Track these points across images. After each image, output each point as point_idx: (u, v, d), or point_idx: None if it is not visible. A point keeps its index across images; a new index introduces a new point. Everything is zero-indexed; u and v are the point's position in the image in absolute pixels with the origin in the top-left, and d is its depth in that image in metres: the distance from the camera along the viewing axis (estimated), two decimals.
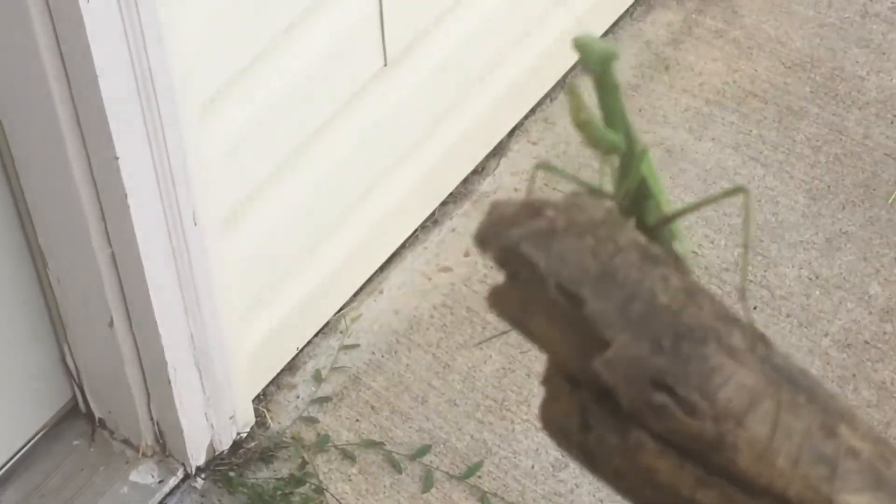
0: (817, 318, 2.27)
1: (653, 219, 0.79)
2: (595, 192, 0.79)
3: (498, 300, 0.73)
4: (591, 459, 0.71)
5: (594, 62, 0.78)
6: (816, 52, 2.67)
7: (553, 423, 0.72)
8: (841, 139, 2.52)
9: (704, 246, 2.37)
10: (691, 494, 0.68)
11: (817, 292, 2.30)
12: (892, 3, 2.75)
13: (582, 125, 0.79)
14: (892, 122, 2.54)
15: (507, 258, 0.73)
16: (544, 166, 0.88)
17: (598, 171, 0.82)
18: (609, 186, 0.80)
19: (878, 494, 0.68)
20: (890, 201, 2.42)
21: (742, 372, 0.69)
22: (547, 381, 0.72)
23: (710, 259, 2.35)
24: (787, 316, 2.27)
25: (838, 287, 2.30)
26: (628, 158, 0.79)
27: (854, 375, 2.19)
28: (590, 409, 0.70)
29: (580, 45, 0.77)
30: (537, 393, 2.20)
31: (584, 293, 0.70)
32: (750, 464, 0.68)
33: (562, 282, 0.70)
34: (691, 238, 2.38)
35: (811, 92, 2.60)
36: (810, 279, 2.32)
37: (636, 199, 0.80)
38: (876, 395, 2.17)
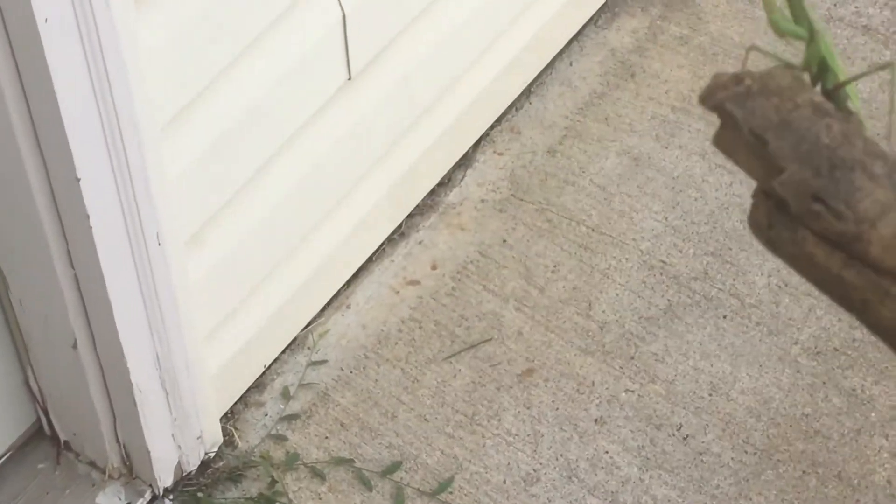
0: (787, 325, 2.26)
1: (830, 84, 1.08)
2: (791, 66, 1.07)
3: (717, 140, 1.05)
4: (774, 248, 1.02)
5: None
6: (783, 57, 2.66)
7: (754, 223, 1.03)
8: None
9: (673, 255, 2.36)
10: (839, 272, 0.99)
11: (787, 300, 2.29)
12: (856, 7, 2.74)
13: (776, 24, 1.08)
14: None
15: (719, 112, 1.03)
16: (755, 48, 1.18)
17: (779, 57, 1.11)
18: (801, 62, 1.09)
19: None
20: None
21: (878, 191, 0.97)
22: (754, 195, 1.03)
23: (678, 268, 2.34)
24: (757, 324, 2.26)
25: (808, 294, 2.29)
26: (811, 43, 1.07)
27: (824, 383, 2.19)
28: (773, 213, 1.01)
29: None
30: (507, 407, 2.18)
31: (768, 136, 1.00)
32: (879, 253, 0.97)
33: (752, 128, 1.01)
34: (660, 248, 2.37)
35: None
36: (780, 287, 2.31)
37: (819, 71, 1.08)
38: (846, 403, 2.16)
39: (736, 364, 2.22)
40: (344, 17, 1.98)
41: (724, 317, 2.28)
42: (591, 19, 2.73)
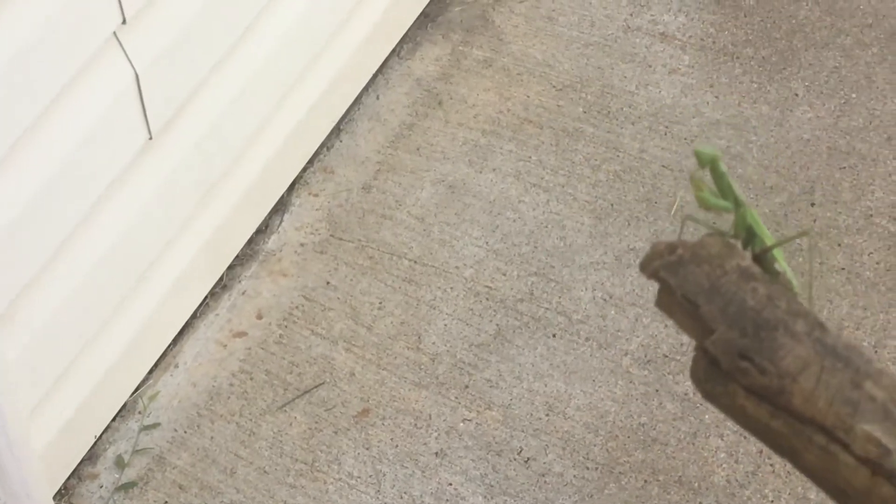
0: (616, 337, 2.28)
1: (758, 249, 1.19)
2: (722, 234, 1.17)
3: (658, 302, 1.13)
4: (711, 399, 1.11)
5: (706, 161, 1.18)
6: (585, 71, 2.69)
7: (694, 377, 1.11)
8: (618, 156, 2.54)
9: (497, 279, 2.36)
10: (767, 422, 1.06)
11: (613, 312, 2.31)
12: (652, 15, 2.78)
13: (703, 201, 1.19)
14: (665, 134, 2.57)
15: (656, 279, 1.12)
16: (691, 219, 1.26)
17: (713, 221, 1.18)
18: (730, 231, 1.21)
19: (886, 424, 1.03)
20: (672, 212, 2.45)
21: (799, 348, 1.06)
22: (694, 351, 1.11)
23: (504, 292, 2.34)
24: (587, 339, 2.27)
25: (632, 304, 2.31)
26: (738, 214, 1.19)
27: (657, 391, 2.21)
28: (708, 369, 1.09)
29: (698, 153, 1.17)
30: (346, 449, 2.16)
31: (699, 300, 1.10)
32: (800, 404, 1.05)
33: (685, 293, 1.10)
34: (484, 273, 2.37)
35: (584, 112, 2.62)
36: (605, 300, 2.33)
37: (747, 238, 1.20)
38: (680, 408, 2.18)
39: (570, 381, 2.23)
40: (137, 75, 1.94)
41: (554, 335, 2.29)
42: (393, 51, 2.73)
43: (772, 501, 2.07)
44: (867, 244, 2.38)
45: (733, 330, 1.08)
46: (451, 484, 2.12)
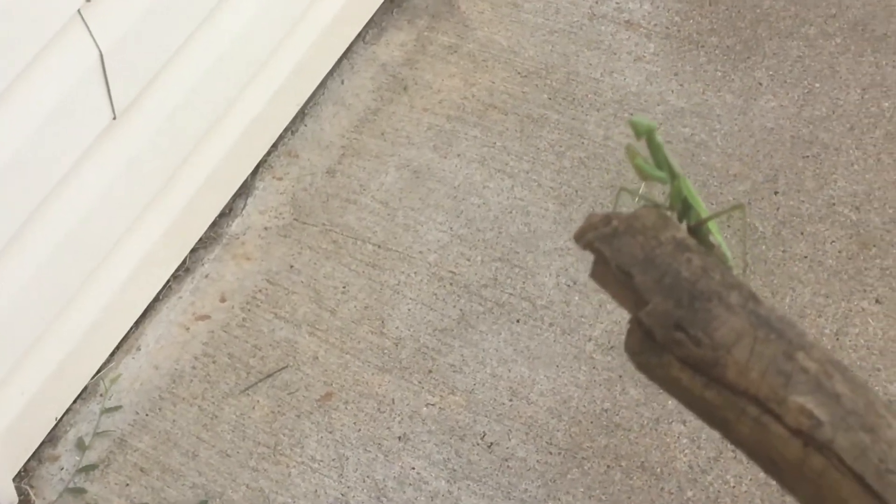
0: (579, 323, 2.28)
1: (693, 222, 1.19)
2: (658, 206, 1.16)
3: (593, 274, 1.13)
4: (645, 371, 1.10)
5: (642, 132, 1.17)
6: (550, 58, 2.69)
7: (628, 348, 1.11)
8: (583, 142, 2.54)
9: (461, 264, 2.36)
10: (701, 393, 1.07)
11: (577, 298, 2.31)
12: (618, 3, 2.79)
13: (639, 169, 1.18)
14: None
15: (591, 250, 1.12)
16: (625, 189, 1.29)
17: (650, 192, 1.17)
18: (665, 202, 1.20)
19: (817, 395, 1.04)
20: (636, 199, 2.45)
21: (733, 319, 1.07)
22: (629, 323, 1.11)
23: (468, 277, 2.34)
24: (551, 325, 2.28)
25: (596, 290, 2.32)
26: (674, 186, 1.18)
27: (620, 377, 2.21)
28: (643, 341, 1.08)
29: (633, 123, 1.17)
30: (309, 433, 2.15)
31: (633, 271, 1.09)
32: (734, 376, 1.05)
33: (619, 264, 1.10)
34: (448, 258, 2.37)
35: (549, 98, 2.62)
36: (569, 286, 2.33)
37: (682, 210, 1.19)
38: (643, 394, 2.19)
39: (533, 367, 2.23)
40: (101, 55, 1.93)
41: (518, 321, 2.29)
42: (358, 36, 2.72)
43: (733, 487, 2.08)
44: (829, 233, 2.39)
45: (668, 301, 1.08)
46: (413, 468, 2.12)
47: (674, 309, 1.07)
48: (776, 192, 2.45)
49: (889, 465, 1.02)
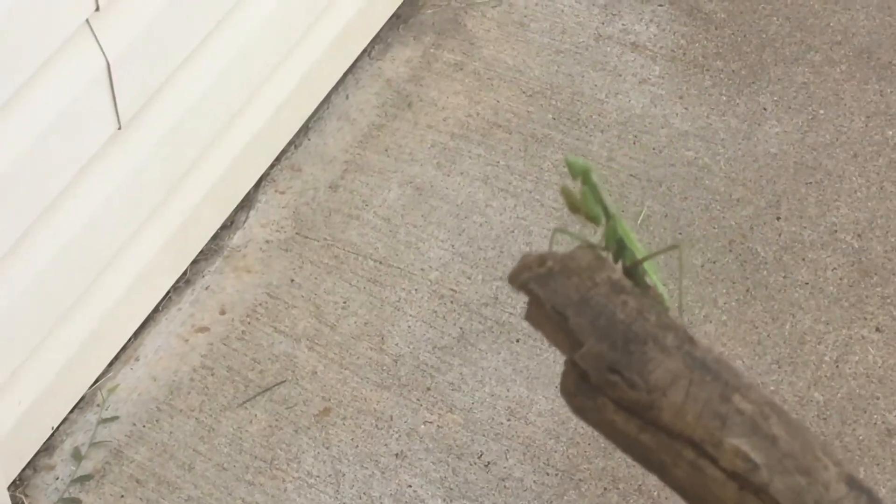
0: None
1: (629, 262, 1.17)
2: (593, 246, 1.15)
3: (528, 316, 1.11)
4: (580, 413, 1.09)
5: (578, 172, 1.15)
6: (555, 78, 2.69)
7: (564, 390, 1.09)
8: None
9: (462, 283, 2.35)
10: (636, 436, 1.05)
11: None
12: (624, 25, 2.79)
13: (575, 209, 1.17)
14: (633, 143, 2.57)
15: (525, 291, 1.10)
16: (560, 231, 1.28)
17: (593, 232, 1.13)
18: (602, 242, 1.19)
19: (753, 438, 1.03)
20: (639, 221, 2.45)
21: (668, 361, 1.05)
22: (565, 364, 1.09)
23: (468, 295, 2.34)
24: (550, 346, 2.27)
25: None
26: (609, 226, 1.17)
27: None
28: (578, 382, 1.07)
29: (569, 163, 1.15)
30: (306, 448, 2.15)
31: (568, 313, 1.07)
32: (670, 418, 1.03)
33: (554, 305, 1.08)
34: (449, 276, 2.37)
35: (553, 118, 2.62)
36: None
37: (618, 250, 1.17)
38: None
39: (532, 387, 2.22)
40: (108, 64, 1.93)
41: (517, 340, 2.28)
42: (364, 51, 2.72)
43: None
44: (831, 259, 2.39)
45: (603, 343, 1.06)
46: (410, 486, 2.11)
47: (608, 351, 1.06)
48: (778, 218, 2.45)
49: None
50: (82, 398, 2.20)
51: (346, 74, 2.69)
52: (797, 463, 1.03)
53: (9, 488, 2.06)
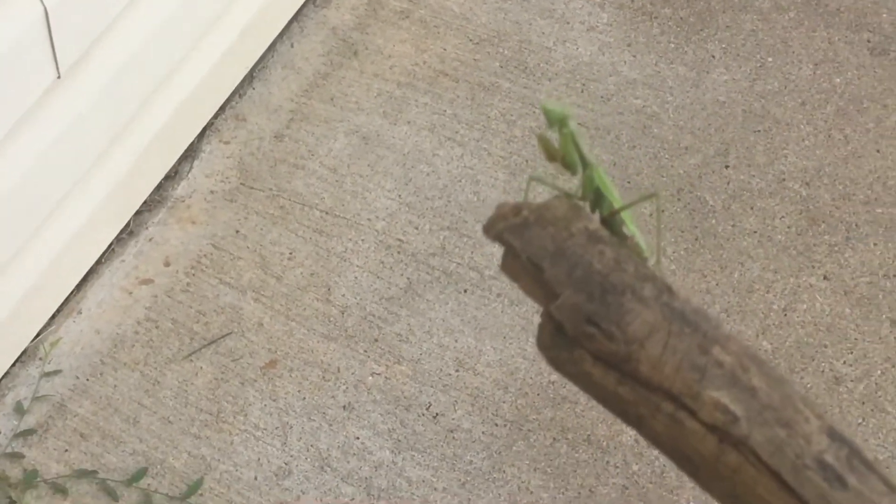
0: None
1: (606, 212, 1.15)
2: (569, 196, 1.12)
3: (504, 266, 1.08)
4: (557, 366, 1.06)
5: (555, 119, 1.12)
6: (502, 26, 2.67)
7: (540, 343, 1.06)
8: (534, 112, 2.52)
9: (409, 233, 2.33)
10: (614, 389, 1.03)
11: None
12: None
13: (552, 158, 1.14)
14: (581, 91, 2.55)
15: (500, 241, 1.07)
16: (536, 178, 1.25)
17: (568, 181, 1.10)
18: (579, 192, 1.16)
19: (733, 390, 1.02)
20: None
21: (647, 312, 1.03)
22: (541, 317, 1.06)
23: (416, 246, 2.32)
24: (498, 295, 2.26)
25: None
26: (586, 175, 1.14)
27: None
28: (554, 335, 1.04)
29: (546, 109, 1.11)
30: (253, 401, 2.13)
31: (544, 264, 1.04)
32: (648, 371, 1.02)
33: (529, 256, 1.05)
34: (396, 226, 2.34)
35: (501, 66, 2.60)
36: None
37: (595, 200, 1.14)
38: None
39: (480, 337, 2.21)
40: (46, 11, 1.89)
41: (465, 291, 2.27)
42: None
43: None
44: (779, 208, 2.38)
45: (579, 294, 1.03)
46: (358, 438, 2.10)
47: (585, 302, 1.03)
48: (727, 166, 2.44)
49: (806, 461, 1.01)
50: (24, 352, 2.17)
51: (290, 22, 2.65)
52: (777, 415, 1.02)
53: None
